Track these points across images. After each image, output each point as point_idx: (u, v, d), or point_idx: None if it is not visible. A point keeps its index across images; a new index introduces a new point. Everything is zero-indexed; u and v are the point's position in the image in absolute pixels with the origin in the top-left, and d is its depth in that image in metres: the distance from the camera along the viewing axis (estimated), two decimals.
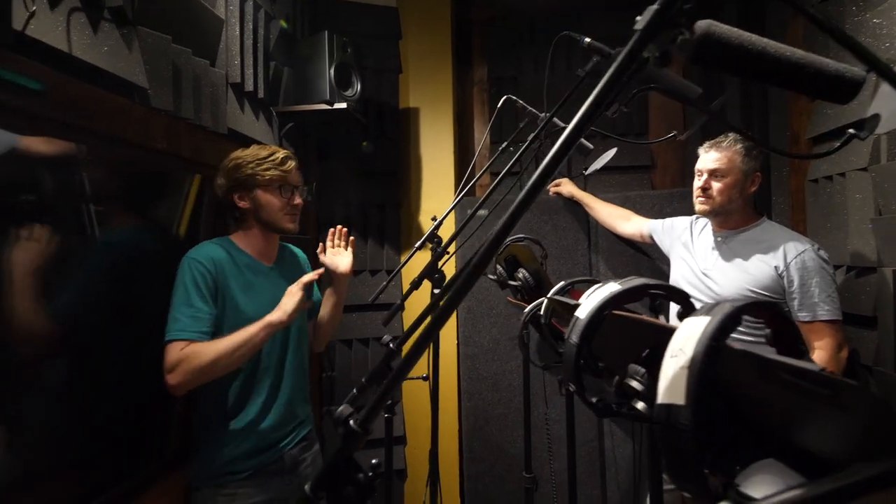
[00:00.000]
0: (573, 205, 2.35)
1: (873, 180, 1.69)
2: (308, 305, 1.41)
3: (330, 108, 1.95)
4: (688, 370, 0.52)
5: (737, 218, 1.78)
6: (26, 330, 1.28)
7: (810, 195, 2.14)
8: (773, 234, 1.72)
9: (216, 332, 1.37)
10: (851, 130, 0.84)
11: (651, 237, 2.14)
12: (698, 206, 1.78)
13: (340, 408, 0.68)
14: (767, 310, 0.59)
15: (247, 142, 1.83)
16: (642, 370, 0.75)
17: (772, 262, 1.66)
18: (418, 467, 2.55)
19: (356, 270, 2.46)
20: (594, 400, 0.78)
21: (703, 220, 1.94)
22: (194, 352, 1.29)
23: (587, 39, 1.42)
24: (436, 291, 1.52)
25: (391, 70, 2.47)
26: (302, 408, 1.59)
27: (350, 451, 0.66)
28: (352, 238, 1.68)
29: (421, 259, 1.60)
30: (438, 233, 1.75)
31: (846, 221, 1.85)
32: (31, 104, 1.10)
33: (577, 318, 0.76)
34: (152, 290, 1.66)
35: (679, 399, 0.52)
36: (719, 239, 1.82)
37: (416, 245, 1.67)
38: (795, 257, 1.63)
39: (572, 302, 0.88)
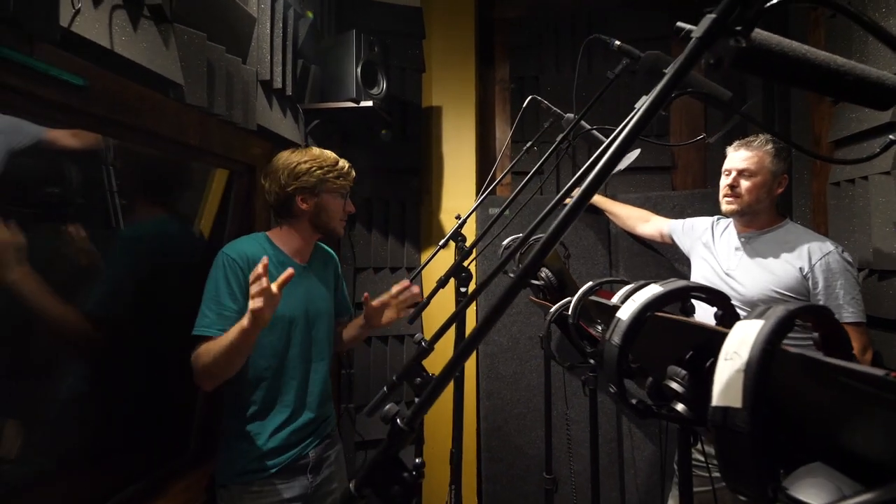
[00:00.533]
0: (592, 206, 2.35)
1: None
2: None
3: (356, 105, 1.96)
4: (744, 373, 0.52)
5: (762, 218, 1.77)
6: (53, 324, 1.30)
7: (832, 198, 2.12)
8: (798, 236, 1.71)
9: None
10: (892, 136, 0.84)
11: (671, 237, 2.13)
12: (725, 205, 1.77)
13: (387, 406, 0.69)
14: (816, 313, 0.59)
15: (275, 139, 1.85)
16: (683, 372, 0.75)
17: (797, 263, 1.65)
18: (436, 468, 2.56)
19: (376, 268, 2.48)
20: (634, 402, 0.79)
21: (726, 221, 1.93)
22: (205, 350, 1.31)
23: (617, 42, 1.42)
24: (462, 290, 1.53)
25: (414, 69, 2.48)
26: (326, 406, 1.60)
27: (396, 449, 0.67)
28: (415, 289, 1.68)
29: (441, 257, 1.61)
30: (460, 231, 1.76)
31: (869, 224, 1.84)
32: (73, 99, 1.12)
33: (619, 319, 0.77)
34: (177, 284, 1.69)
35: (736, 402, 0.52)
36: (743, 239, 1.81)
37: (441, 243, 1.67)
38: (820, 259, 1.62)
39: (610, 303, 0.88)
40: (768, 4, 0.52)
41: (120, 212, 1.59)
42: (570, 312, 1.37)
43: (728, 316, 0.82)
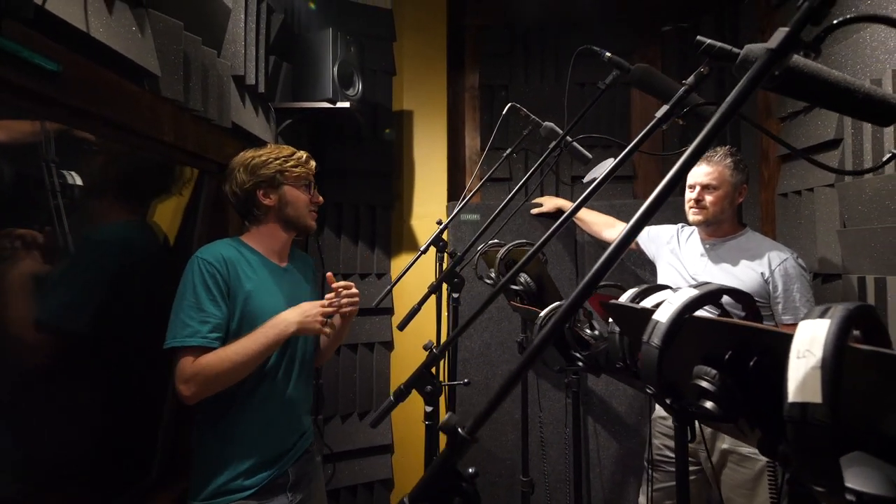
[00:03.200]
0: (561, 214, 2.41)
1: (839, 196, 1.84)
2: (327, 331, 1.38)
3: (333, 106, 1.91)
4: (821, 370, 0.54)
5: (725, 227, 1.88)
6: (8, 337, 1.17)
7: (780, 208, 2.30)
8: (758, 243, 1.83)
9: (230, 337, 1.30)
10: (893, 150, 0.92)
11: (636, 243, 2.22)
12: (692, 217, 1.87)
13: (447, 416, 0.66)
14: (864, 312, 0.63)
15: (248, 138, 1.76)
16: (713, 371, 0.78)
17: (758, 268, 1.76)
18: (406, 477, 2.52)
19: (346, 274, 2.41)
20: (669, 402, 0.80)
21: (690, 229, 2.04)
22: (209, 362, 1.23)
23: (608, 54, 1.46)
24: (454, 295, 1.52)
25: (385, 71, 2.44)
26: (306, 419, 1.53)
27: (456, 459, 0.64)
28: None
29: (408, 262, 1.59)
30: (441, 237, 1.75)
31: (814, 232, 2.01)
32: (44, 86, 1.02)
33: (658, 321, 0.78)
34: (138, 294, 1.56)
35: (815, 397, 0.54)
36: (707, 246, 1.92)
37: (423, 248, 1.66)
38: (779, 265, 1.74)
39: (638, 306, 0.90)
40: (836, 21, 0.55)
41: (64, 215, 1.45)
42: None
43: (752, 316, 0.86)
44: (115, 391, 1.50)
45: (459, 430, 0.64)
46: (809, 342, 0.57)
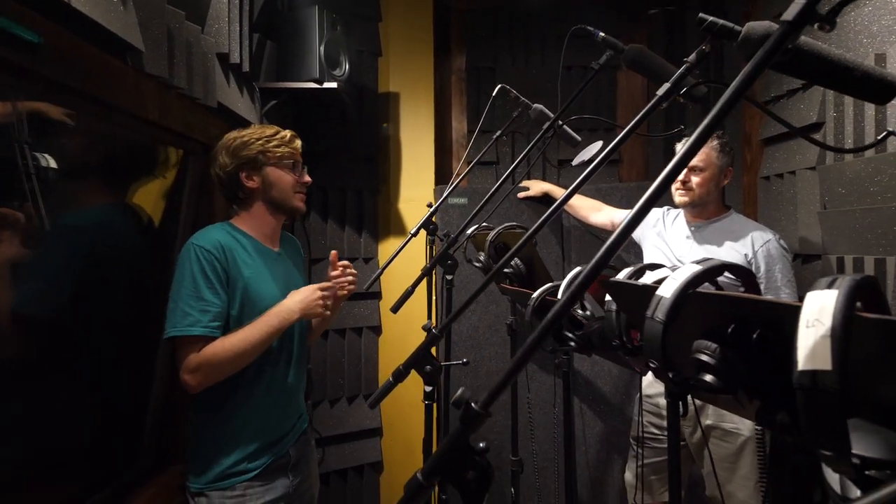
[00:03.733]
0: (548, 198, 2.42)
1: (820, 178, 1.88)
2: (328, 314, 1.39)
3: (319, 87, 1.87)
4: (830, 338, 0.56)
5: (710, 209, 1.92)
6: None
7: (762, 191, 2.35)
8: (742, 225, 1.87)
9: (231, 323, 1.29)
10: (890, 129, 0.94)
11: None
12: (678, 198, 1.90)
13: (459, 391, 0.67)
14: (869, 284, 0.65)
15: (233, 118, 1.71)
16: (713, 345, 0.80)
17: (742, 249, 1.80)
18: (395, 459, 2.53)
19: None
20: (671, 375, 0.82)
21: (675, 211, 2.07)
22: (214, 351, 1.23)
23: (601, 34, 1.46)
24: (448, 277, 1.51)
25: (371, 52, 2.40)
26: (303, 400, 1.53)
27: (470, 433, 0.64)
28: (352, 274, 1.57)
29: (395, 246, 1.59)
30: (431, 220, 1.74)
31: (795, 215, 2.06)
32: (23, 58, 0.97)
33: (662, 297, 0.79)
34: (125, 279, 1.52)
35: (825, 365, 0.56)
36: (693, 228, 1.95)
37: (413, 231, 1.65)
38: (762, 246, 1.78)
39: (641, 284, 0.91)
40: None
41: (40, 199, 1.40)
42: (560, 297, 1.40)
43: (751, 291, 0.88)
44: (101, 378, 1.46)
45: (473, 404, 0.64)
46: (818, 312, 0.59)
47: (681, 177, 1.88)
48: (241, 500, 1.28)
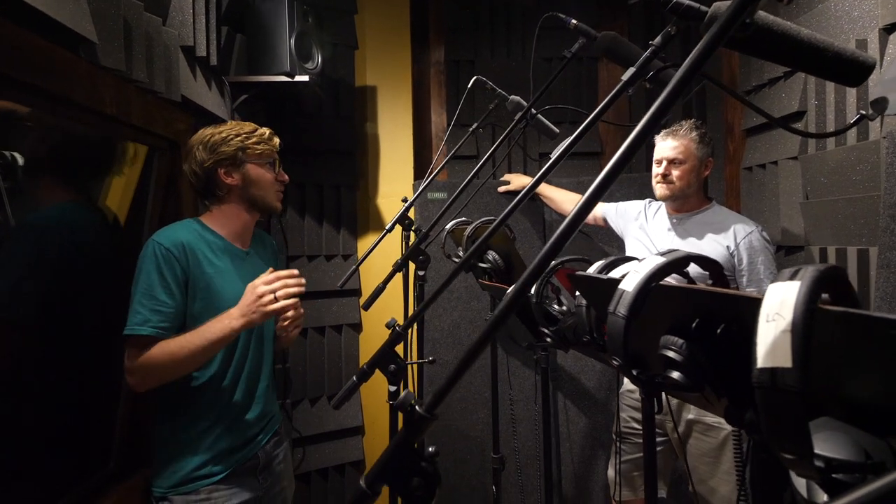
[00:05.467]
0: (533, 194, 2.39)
1: (802, 168, 1.86)
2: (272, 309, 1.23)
3: (291, 80, 1.82)
4: (791, 333, 0.53)
5: (692, 201, 1.89)
6: None
7: (744, 181, 2.33)
8: (724, 217, 1.85)
9: (189, 323, 1.25)
10: (863, 111, 0.91)
11: (605, 220, 2.22)
12: (659, 192, 1.87)
13: (403, 394, 0.63)
14: (837, 275, 0.61)
15: (201, 113, 1.66)
16: (680, 341, 0.76)
17: (723, 242, 1.78)
18: (377, 458, 2.49)
19: (310, 255, 2.34)
20: (636, 373, 0.79)
21: (657, 204, 2.04)
22: (152, 353, 1.19)
23: (573, 21, 1.43)
24: (420, 273, 1.48)
25: (347, 45, 2.35)
26: (272, 402, 1.49)
27: (416, 438, 0.61)
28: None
29: (373, 242, 1.55)
30: (407, 215, 1.70)
31: (777, 205, 2.04)
32: None
33: (624, 290, 0.76)
34: (88, 279, 1.47)
35: (785, 362, 0.53)
36: (675, 221, 1.92)
37: (388, 227, 1.62)
38: (744, 238, 1.76)
39: (605, 277, 0.88)
40: None
41: (5, 196, 1.35)
42: (533, 292, 1.37)
43: (719, 284, 0.85)
44: (66, 380, 1.42)
45: (417, 407, 0.60)
46: (779, 305, 0.55)
47: (661, 170, 1.85)
48: (205, 503, 1.24)
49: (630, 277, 0.77)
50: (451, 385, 0.62)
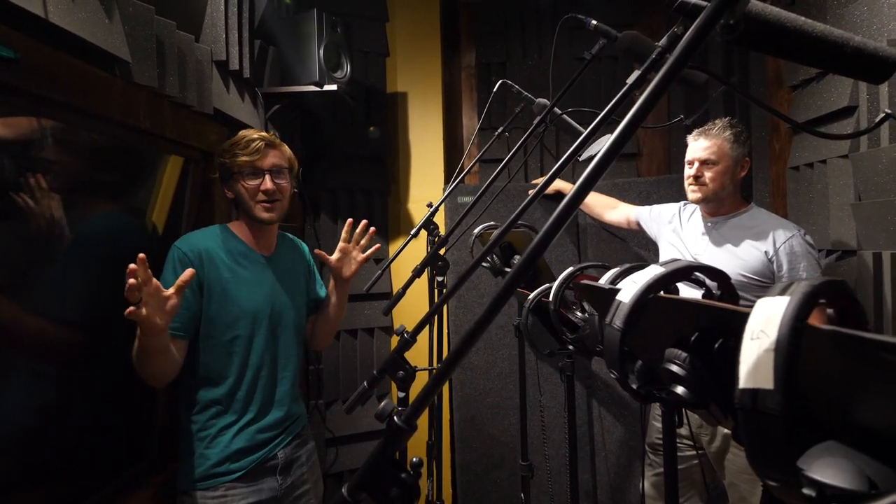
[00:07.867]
0: (561, 196, 2.35)
1: (853, 167, 1.73)
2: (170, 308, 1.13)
3: (320, 90, 1.87)
4: (774, 353, 0.49)
5: (727, 204, 1.80)
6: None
7: (791, 182, 2.19)
8: (762, 220, 1.74)
9: (204, 323, 1.31)
10: (887, 110, 0.84)
11: (638, 223, 2.15)
12: (691, 195, 1.79)
13: (383, 403, 0.64)
14: (835, 288, 0.57)
15: (233, 124, 1.74)
16: (683, 354, 0.73)
17: (762, 247, 1.68)
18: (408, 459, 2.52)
19: None
20: (635, 386, 0.76)
21: (692, 207, 1.95)
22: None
23: (594, 22, 1.39)
24: (439, 279, 1.48)
25: (378, 53, 2.39)
26: (296, 404, 1.53)
27: (394, 449, 0.61)
28: (372, 229, 1.60)
29: (410, 248, 1.57)
30: (432, 220, 1.71)
31: (827, 207, 1.91)
32: (2, 74, 1.00)
33: (621, 301, 0.73)
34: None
35: (767, 383, 0.49)
36: (709, 224, 1.84)
37: (413, 232, 1.63)
38: (784, 242, 1.65)
39: (606, 286, 0.85)
40: None
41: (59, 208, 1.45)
42: (551, 299, 1.35)
43: (727, 295, 0.81)
44: (112, 376, 1.51)
45: (396, 418, 0.60)
46: (764, 322, 0.52)
47: (693, 171, 1.77)
48: (223, 500, 1.30)
49: (627, 288, 0.75)
50: (429, 397, 0.61)
